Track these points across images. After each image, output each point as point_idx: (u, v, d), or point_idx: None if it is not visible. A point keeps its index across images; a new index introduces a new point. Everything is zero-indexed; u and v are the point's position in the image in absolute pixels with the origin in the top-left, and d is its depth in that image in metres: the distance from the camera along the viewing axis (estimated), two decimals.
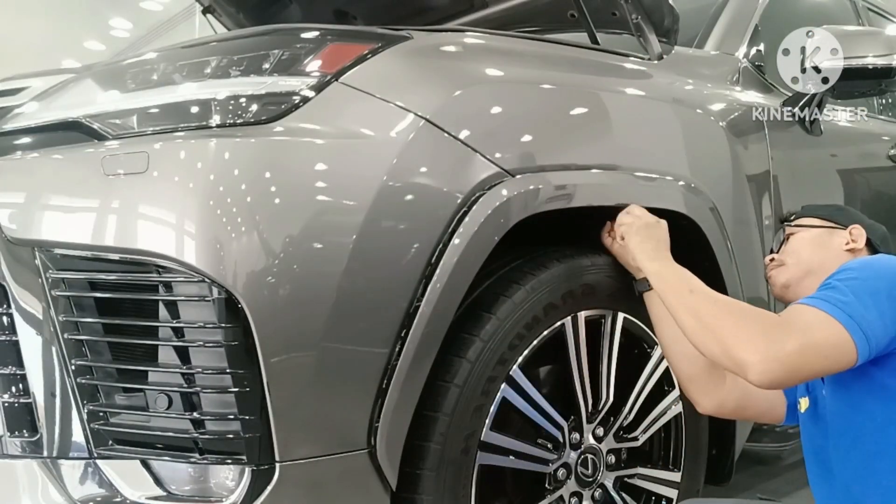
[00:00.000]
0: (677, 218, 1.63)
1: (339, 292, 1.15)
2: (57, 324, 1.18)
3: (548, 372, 1.54)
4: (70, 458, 1.18)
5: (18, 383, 1.22)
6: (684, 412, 1.67)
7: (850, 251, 1.45)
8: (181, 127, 1.20)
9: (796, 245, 1.51)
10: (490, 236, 1.29)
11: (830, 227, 1.50)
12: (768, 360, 1.09)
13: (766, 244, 1.92)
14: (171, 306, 1.14)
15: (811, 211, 1.56)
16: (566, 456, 1.48)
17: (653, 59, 1.82)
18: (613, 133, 1.58)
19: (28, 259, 1.20)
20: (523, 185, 1.35)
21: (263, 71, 1.25)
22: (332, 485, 1.19)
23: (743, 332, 1.13)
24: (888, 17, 3.14)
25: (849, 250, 1.45)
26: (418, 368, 1.23)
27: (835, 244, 1.47)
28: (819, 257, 1.46)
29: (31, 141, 1.32)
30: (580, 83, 1.59)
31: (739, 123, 1.92)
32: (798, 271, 1.49)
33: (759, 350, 1.10)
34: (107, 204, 1.16)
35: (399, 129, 1.24)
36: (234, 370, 1.11)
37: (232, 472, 1.14)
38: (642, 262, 1.42)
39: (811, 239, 1.50)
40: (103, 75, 1.41)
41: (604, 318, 1.54)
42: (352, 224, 1.17)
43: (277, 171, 1.15)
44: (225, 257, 1.09)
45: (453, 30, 1.65)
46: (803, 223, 1.54)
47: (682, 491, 1.67)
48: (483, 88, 1.39)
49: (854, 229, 1.47)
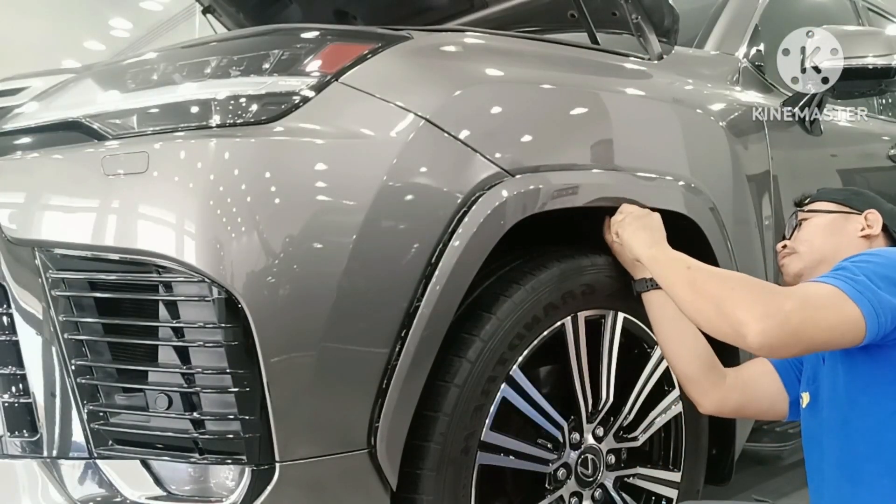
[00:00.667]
0: (677, 218, 1.63)
1: (339, 292, 1.15)
2: (57, 324, 1.18)
3: (548, 372, 1.54)
4: (70, 458, 1.18)
5: (18, 383, 1.22)
6: (684, 412, 1.67)
7: (866, 237, 1.41)
8: (181, 127, 1.20)
9: (809, 232, 1.47)
10: (490, 237, 1.29)
11: (845, 213, 1.45)
12: (767, 316, 1.05)
13: (767, 244, 1.92)
14: (171, 306, 1.14)
15: (826, 195, 1.51)
16: (566, 456, 1.48)
17: (653, 59, 1.82)
18: (613, 133, 1.58)
19: (28, 259, 1.20)
20: (524, 185, 1.34)
21: (263, 71, 1.25)
22: (332, 485, 1.19)
23: (741, 293, 1.10)
24: (888, 17, 3.14)
25: (864, 237, 1.41)
26: (419, 368, 1.22)
27: (849, 230, 1.42)
28: (832, 244, 1.42)
29: (31, 141, 1.32)
30: (580, 83, 1.59)
31: (739, 123, 1.92)
32: (811, 259, 1.44)
33: (758, 308, 1.06)
34: (107, 204, 1.16)
35: (399, 129, 1.24)
36: (234, 370, 1.11)
37: (232, 472, 1.14)
38: (638, 250, 1.39)
39: (825, 225, 1.46)
40: (103, 75, 1.41)
41: (604, 318, 1.54)
42: (352, 224, 1.17)
43: (277, 171, 1.15)
44: (225, 257, 1.09)
45: (453, 30, 1.65)
46: (816, 208, 1.49)
47: (682, 491, 1.67)
48: (483, 88, 1.39)
49: (870, 214, 1.42)
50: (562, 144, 1.47)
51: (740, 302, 1.09)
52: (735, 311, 1.08)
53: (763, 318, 1.05)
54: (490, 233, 1.29)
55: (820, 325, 1.07)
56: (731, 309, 1.09)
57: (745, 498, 2.26)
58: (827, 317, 1.07)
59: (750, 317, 1.06)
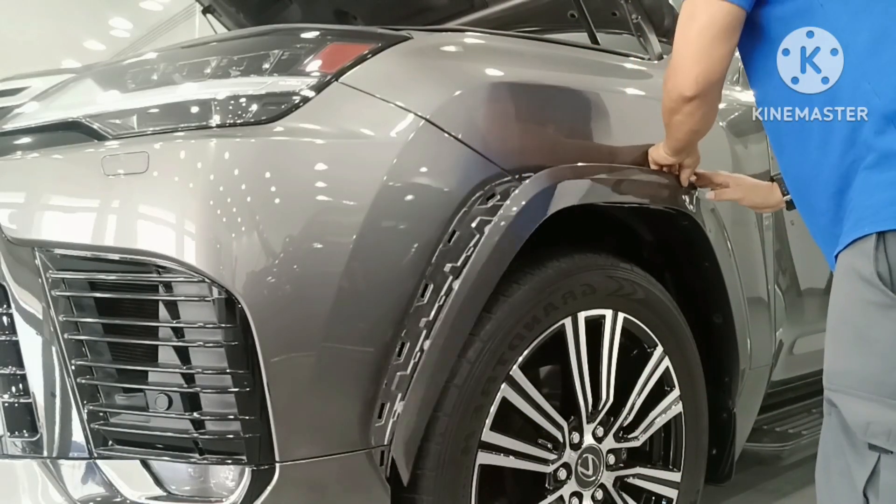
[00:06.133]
0: (678, 217, 1.63)
1: (339, 293, 1.15)
2: (57, 324, 1.18)
3: (548, 372, 1.54)
4: (70, 458, 1.18)
5: (18, 383, 1.22)
6: (684, 412, 1.67)
7: None
8: (181, 127, 1.20)
9: None
10: (521, 232, 1.30)
11: None
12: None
13: (767, 244, 1.92)
14: (171, 306, 1.14)
15: None
16: (566, 456, 1.48)
17: (653, 59, 1.82)
18: (613, 132, 1.58)
19: (28, 259, 1.20)
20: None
21: (263, 71, 1.25)
22: (331, 485, 1.19)
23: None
24: None
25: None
26: (441, 368, 1.23)
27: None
28: None
29: (31, 141, 1.32)
30: (580, 83, 1.59)
31: (739, 123, 1.91)
32: None
33: None
34: (107, 204, 1.16)
35: (399, 130, 1.24)
36: (234, 370, 1.11)
37: (232, 472, 1.14)
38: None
39: None
40: (103, 75, 1.41)
41: (604, 318, 1.54)
42: (352, 224, 1.17)
43: (277, 171, 1.15)
44: (225, 257, 1.09)
45: (453, 30, 1.65)
46: None
47: (682, 491, 1.67)
48: (483, 88, 1.39)
49: None
50: (562, 144, 1.47)
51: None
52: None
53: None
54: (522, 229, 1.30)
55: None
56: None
57: (745, 498, 2.27)
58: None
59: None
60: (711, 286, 1.73)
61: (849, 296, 1.07)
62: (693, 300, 1.76)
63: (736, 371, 1.78)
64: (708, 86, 1.26)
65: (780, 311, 1.97)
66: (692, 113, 1.32)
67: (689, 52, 1.24)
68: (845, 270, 1.09)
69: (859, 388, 1.03)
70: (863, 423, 1.02)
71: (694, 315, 1.73)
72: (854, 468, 1.04)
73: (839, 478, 1.07)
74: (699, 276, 1.74)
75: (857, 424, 1.03)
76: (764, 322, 1.90)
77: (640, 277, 1.58)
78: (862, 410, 1.03)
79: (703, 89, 1.26)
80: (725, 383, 1.78)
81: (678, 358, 1.64)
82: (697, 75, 1.24)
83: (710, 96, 1.30)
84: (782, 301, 1.99)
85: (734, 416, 1.79)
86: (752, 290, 1.84)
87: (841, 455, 1.06)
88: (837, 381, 1.07)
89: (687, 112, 1.32)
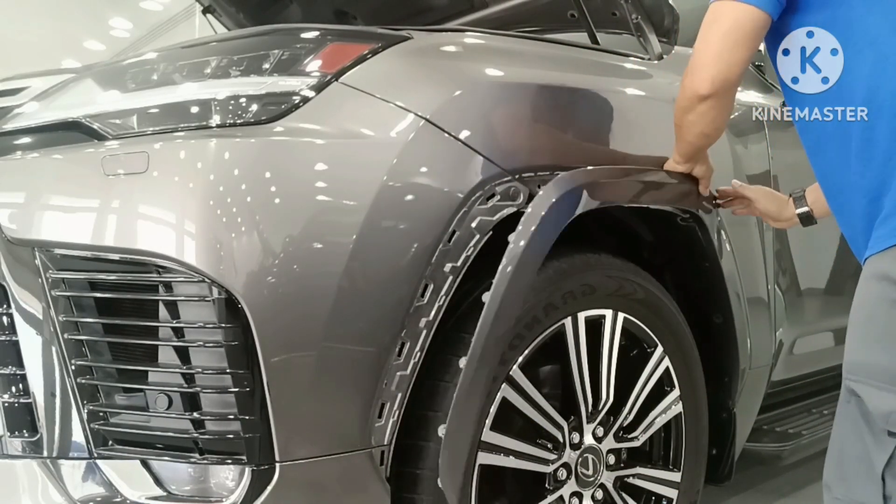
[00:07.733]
0: (678, 217, 1.63)
1: (339, 292, 1.15)
2: (57, 324, 1.18)
3: (548, 372, 1.54)
4: (70, 458, 1.18)
5: (18, 383, 1.22)
6: (684, 412, 1.67)
7: None
8: (181, 127, 1.20)
9: None
10: (549, 237, 1.30)
11: None
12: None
13: (767, 244, 1.92)
14: (171, 306, 1.14)
15: None
16: (566, 456, 1.48)
17: (653, 59, 1.82)
18: (613, 133, 1.58)
19: (28, 259, 1.20)
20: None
21: (263, 71, 1.25)
22: (331, 485, 1.19)
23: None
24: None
25: None
26: (483, 373, 1.23)
27: None
28: None
29: (31, 141, 1.32)
30: (580, 83, 1.59)
31: (739, 123, 1.92)
32: None
33: None
34: (107, 204, 1.16)
35: (399, 129, 1.24)
36: (234, 370, 1.11)
37: (232, 472, 1.14)
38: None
39: None
40: (103, 75, 1.41)
41: (604, 318, 1.54)
42: (352, 224, 1.17)
43: (277, 171, 1.15)
44: (225, 257, 1.09)
45: (453, 30, 1.65)
46: None
47: (682, 491, 1.67)
48: (483, 88, 1.39)
49: None
50: (562, 144, 1.47)
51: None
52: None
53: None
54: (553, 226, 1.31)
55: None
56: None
57: (745, 498, 2.26)
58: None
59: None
60: (711, 286, 1.73)
61: (878, 296, 1.14)
62: (693, 300, 1.76)
63: (736, 371, 1.78)
64: (724, 86, 1.28)
65: (780, 311, 1.97)
66: (705, 113, 1.34)
67: (709, 52, 1.26)
68: (876, 273, 1.15)
69: (883, 379, 1.10)
70: (885, 411, 1.09)
71: (694, 315, 1.73)
72: (873, 453, 1.11)
73: (856, 462, 1.13)
74: (699, 277, 1.74)
75: (879, 413, 1.10)
76: (764, 322, 1.90)
77: (641, 277, 1.58)
78: (884, 400, 1.09)
79: (718, 89, 1.28)
80: (725, 383, 1.78)
81: (678, 358, 1.64)
82: (714, 76, 1.26)
83: (725, 98, 1.33)
84: (782, 301, 1.99)
85: (734, 416, 1.79)
86: (752, 290, 1.84)
87: (860, 441, 1.13)
88: (862, 372, 1.14)
89: (700, 112, 1.34)
